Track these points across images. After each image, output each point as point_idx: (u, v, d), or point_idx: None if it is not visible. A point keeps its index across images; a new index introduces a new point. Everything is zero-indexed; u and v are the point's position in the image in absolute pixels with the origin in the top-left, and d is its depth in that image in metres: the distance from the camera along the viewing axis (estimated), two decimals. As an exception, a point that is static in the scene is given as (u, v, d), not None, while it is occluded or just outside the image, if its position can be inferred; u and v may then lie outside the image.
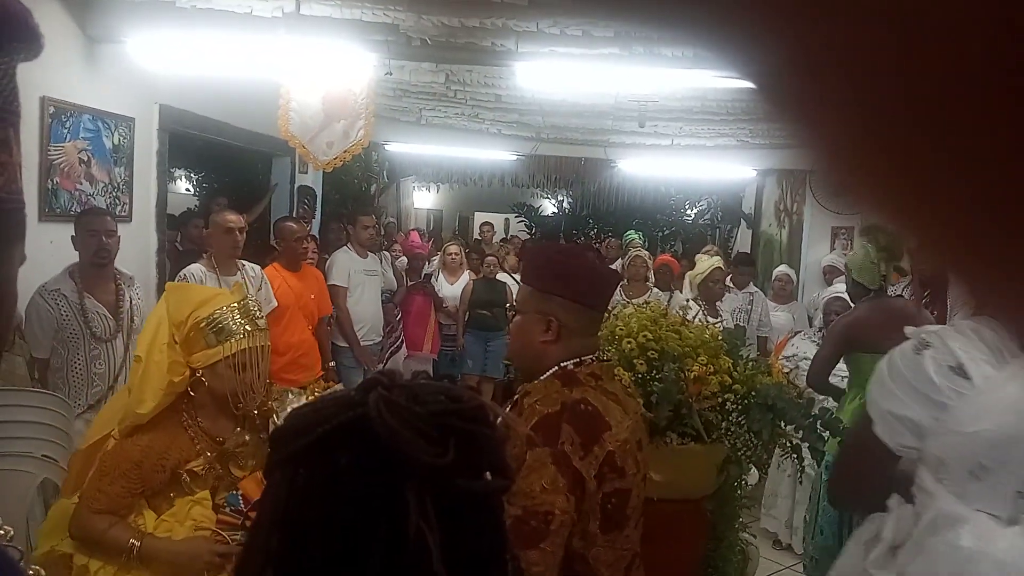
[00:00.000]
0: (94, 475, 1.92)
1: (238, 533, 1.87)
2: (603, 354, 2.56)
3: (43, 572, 0.82)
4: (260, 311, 2.14)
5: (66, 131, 3.73)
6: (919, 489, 1.60)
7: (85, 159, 3.88)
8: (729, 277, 5.47)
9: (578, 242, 11.12)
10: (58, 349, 3.18)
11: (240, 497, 1.93)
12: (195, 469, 1.96)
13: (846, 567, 1.79)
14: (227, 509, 1.92)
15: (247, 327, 2.00)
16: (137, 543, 1.84)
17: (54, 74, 3.63)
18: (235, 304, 2.02)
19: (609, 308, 4.44)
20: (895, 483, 1.73)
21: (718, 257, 5.29)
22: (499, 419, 0.80)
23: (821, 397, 3.85)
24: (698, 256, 5.51)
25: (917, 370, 1.54)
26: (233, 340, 1.97)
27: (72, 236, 3.28)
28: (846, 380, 3.65)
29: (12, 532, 0.76)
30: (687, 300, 4.53)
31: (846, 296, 4.49)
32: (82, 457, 2.08)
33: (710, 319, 4.44)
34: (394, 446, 0.70)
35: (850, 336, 3.45)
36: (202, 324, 1.96)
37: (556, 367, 1.61)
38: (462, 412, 0.74)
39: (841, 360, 3.58)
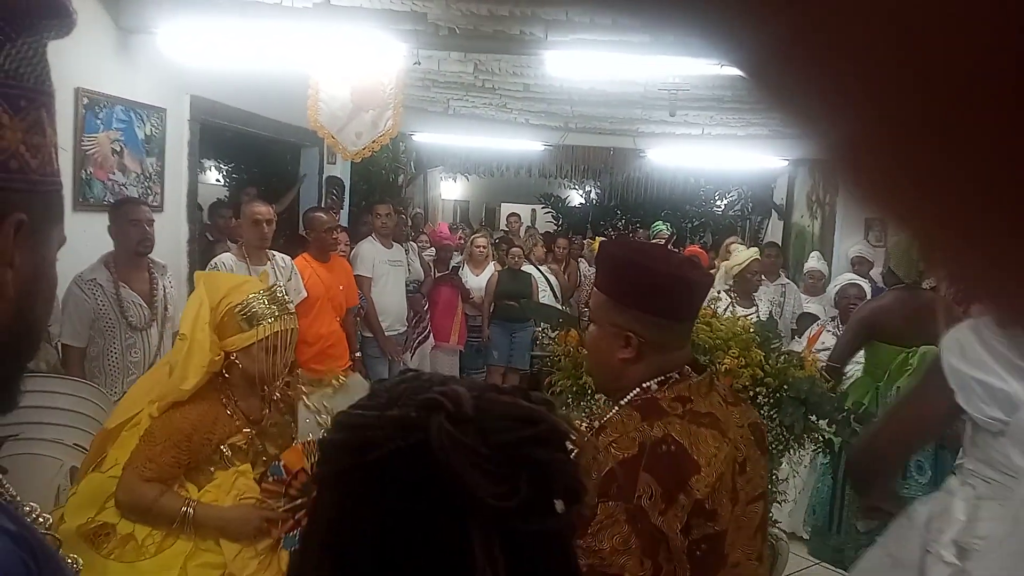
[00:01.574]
0: (142, 445, 2.01)
1: (282, 500, 2.01)
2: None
3: (80, 560, 0.81)
4: (288, 296, 2.25)
5: (99, 122, 3.78)
6: (988, 465, 1.65)
7: (118, 149, 3.92)
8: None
9: (609, 234, 11.04)
10: (95, 338, 3.23)
11: (282, 467, 2.04)
12: (238, 443, 2.09)
13: (897, 550, 1.80)
14: (271, 479, 2.04)
15: (277, 312, 2.12)
16: (191, 509, 1.95)
17: (87, 65, 3.67)
18: (264, 290, 2.15)
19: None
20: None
21: (756, 248, 5.22)
22: (574, 437, 0.73)
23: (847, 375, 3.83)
24: (732, 246, 5.43)
25: (1019, 345, 1.55)
26: (265, 324, 2.09)
27: (108, 226, 3.31)
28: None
29: (51, 520, 0.76)
30: (718, 292, 4.48)
31: (861, 282, 4.45)
32: (104, 435, 2.17)
33: (740, 309, 4.39)
34: (458, 488, 0.64)
35: (874, 323, 3.41)
36: (236, 310, 2.08)
37: (637, 388, 1.39)
38: (535, 438, 0.68)
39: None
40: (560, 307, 6.15)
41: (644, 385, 1.39)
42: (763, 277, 5.38)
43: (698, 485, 1.26)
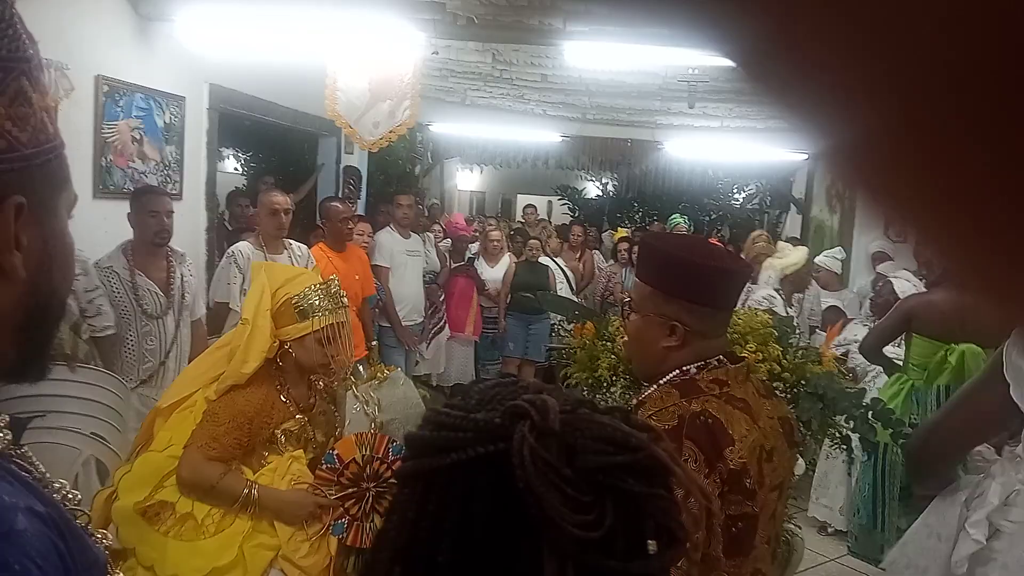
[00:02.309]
0: (206, 425, 2.08)
1: (333, 488, 2.09)
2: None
3: (109, 536, 0.82)
4: (341, 289, 2.31)
5: (119, 109, 3.80)
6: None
7: (137, 137, 3.94)
8: None
9: (625, 227, 10.98)
10: (111, 325, 3.25)
11: (336, 456, 2.10)
12: (291, 429, 2.17)
13: (936, 523, 1.92)
14: (324, 467, 2.11)
15: (331, 305, 2.20)
16: (255, 491, 2.03)
17: (108, 53, 3.69)
18: (320, 284, 2.23)
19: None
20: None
21: (804, 248, 5.20)
22: (674, 471, 0.66)
23: (871, 369, 3.81)
24: (779, 243, 5.37)
25: None
26: (319, 315, 2.16)
27: (128, 214, 3.33)
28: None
29: (80, 496, 0.77)
30: (772, 292, 4.46)
31: (892, 280, 4.41)
32: (154, 415, 2.24)
33: (791, 309, 4.42)
34: (535, 509, 0.59)
35: (916, 314, 3.40)
36: (293, 300, 2.16)
37: (676, 371, 1.45)
38: (628, 466, 0.62)
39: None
40: (575, 299, 6.13)
41: (684, 368, 1.44)
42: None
43: (732, 456, 1.33)
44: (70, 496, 0.74)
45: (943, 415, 1.98)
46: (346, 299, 2.30)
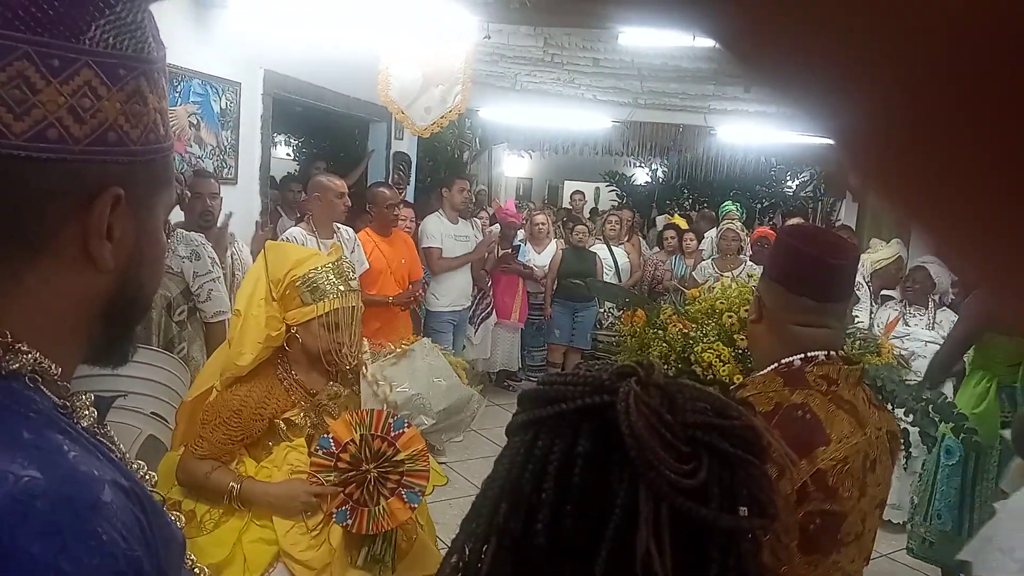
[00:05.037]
0: (195, 423, 2.04)
1: (331, 474, 1.95)
2: (847, 349, 2.48)
3: (183, 518, 0.84)
4: (354, 272, 2.19)
5: (177, 95, 3.88)
6: None
7: (195, 123, 4.02)
8: None
9: (675, 214, 10.85)
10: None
11: (331, 440, 1.97)
12: (292, 418, 2.06)
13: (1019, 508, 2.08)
14: (320, 452, 1.97)
15: (340, 287, 2.06)
16: (237, 485, 1.95)
17: (165, 39, 3.73)
18: (329, 264, 2.08)
19: (703, 281, 4.30)
20: None
21: (897, 242, 5.09)
22: (771, 444, 0.69)
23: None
24: (872, 241, 5.25)
25: None
26: (326, 300, 2.03)
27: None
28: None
29: (156, 477, 0.80)
30: (859, 284, 4.39)
31: (928, 266, 4.28)
32: (188, 409, 2.20)
33: (875, 304, 4.38)
34: (635, 450, 0.63)
35: (993, 313, 3.28)
36: (298, 283, 2.03)
37: (779, 363, 1.42)
38: (726, 430, 0.65)
39: None
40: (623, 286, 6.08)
41: (787, 360, 1.40)
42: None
43: (823, 456, 1.27)
44: (147, 478, 0.76)
45: None
46: (355, 281, 2.16)
